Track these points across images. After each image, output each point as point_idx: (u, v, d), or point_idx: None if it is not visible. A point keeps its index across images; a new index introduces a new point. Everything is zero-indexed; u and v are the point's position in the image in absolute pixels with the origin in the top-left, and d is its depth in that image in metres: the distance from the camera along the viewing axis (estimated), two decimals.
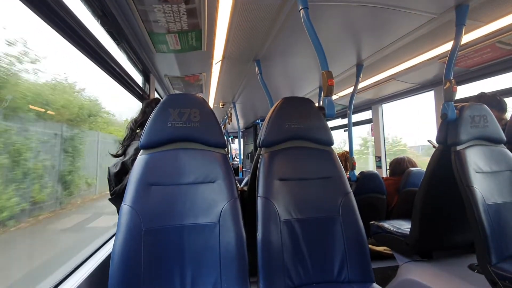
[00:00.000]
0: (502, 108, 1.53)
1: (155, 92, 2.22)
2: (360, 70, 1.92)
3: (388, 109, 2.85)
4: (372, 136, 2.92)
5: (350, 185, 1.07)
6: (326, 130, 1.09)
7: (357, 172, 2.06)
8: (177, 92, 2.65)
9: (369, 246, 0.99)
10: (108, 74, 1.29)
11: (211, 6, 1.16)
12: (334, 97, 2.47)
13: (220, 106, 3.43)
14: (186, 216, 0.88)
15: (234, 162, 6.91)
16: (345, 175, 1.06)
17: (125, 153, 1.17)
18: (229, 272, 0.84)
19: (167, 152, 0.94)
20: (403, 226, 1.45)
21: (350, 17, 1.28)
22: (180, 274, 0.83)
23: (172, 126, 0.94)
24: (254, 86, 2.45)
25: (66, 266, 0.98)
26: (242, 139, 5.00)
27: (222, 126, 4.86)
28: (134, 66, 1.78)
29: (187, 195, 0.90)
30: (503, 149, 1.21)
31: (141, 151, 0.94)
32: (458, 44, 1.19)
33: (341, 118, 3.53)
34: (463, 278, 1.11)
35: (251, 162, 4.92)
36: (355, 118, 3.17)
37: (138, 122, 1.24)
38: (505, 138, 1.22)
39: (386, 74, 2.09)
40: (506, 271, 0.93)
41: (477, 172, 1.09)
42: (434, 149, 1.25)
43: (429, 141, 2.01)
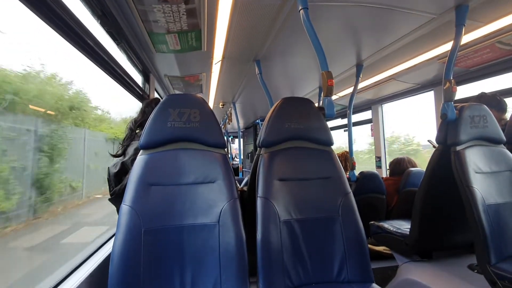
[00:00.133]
0: (502, 108, 1.53)
1: (155, 92, 2.22)
2: (360, 70, 1.92)
3: (398, 106, 2.63)
4: (372, 136, 2.92)
5: (350, 185, 1.07)
6: (326, 130, 1.09)
7: (356, 172, 2.06)
8: (177, 92, 2.65)
9: (368, 246, 0.99)
10: (108, 74, 1.29)
11: (211, 6, 1.16)
12: (334, 97, 2.46)
13: (220, 106, 3.43)
14: (186, 216, 0.88)
15: (234, 162, 6.91)
16: (344, 175, 1.06)
17: (124, 153, 1.17)
18: (228, 272, 0.84)
19: (167, 152, 0.94)
20: (403, 226, 1.45)
21: (350, 17, 1.28)
22: (180, 274, 0.83)
23: (172, 126, 0.94)
24: (254, 86, 2.45)
25: None
26: (242, 139, 5.00)
27: (222, 126, 4.86)
28: (134, 66, 1.78)
29: (187, 195, 0.90)
30: (503, 149, 1.21)
31: (140, 151, 0.94)
32: (458, 44, 1.19)
33: (341, 118, 3.53)
34: (463, 278, 1.11)
35: (251, 162, 4.92)
36: (355, 118, 3.17)
37: (138, 122, 1.24)
38: (504, 138, 1.22)
39: (386, 74, 2.09)
40: (505, 271, 0.93)
41: (476, 172, 1.09)
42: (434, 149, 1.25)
43: (429, 141, 2.01)
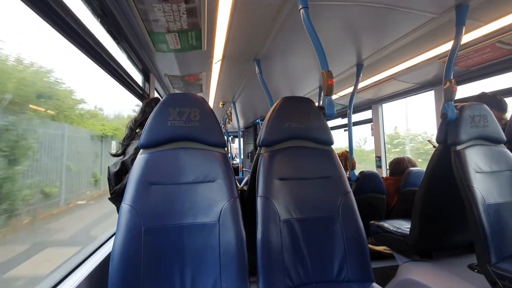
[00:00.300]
0: (502, 108, 1.52)
1: (155, 91, 2.22)
2: (360, 69, 1.91)
3: (415, 102, 2.42)
4: (372, 136, 2.92)
5: (350, 184, 1.07)
6: (326, 130, 1.09)
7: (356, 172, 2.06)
8: (177, 91, 2.65)
9: (368, 245, 0.99)
10: (108, 73, 1.29)
11: (211, 5, 1.16)
12: (334, 96, 2.47)
13: (220, 106, 3.42)
14: (186, 215, 0.87)
15: (234, 161, 6.91)
16: (345, 175, 1.06)
17: (124, 152, 1.17)
18: (228, 271, 0.83)
19: (167, 151, 0.94)
20: (403, 226, 1.45)
21: (350, 16, 1.28)
22: (180, 274, 0.83)
23: (172, 125, 0.94)
24: (254, 86, 2.45)
25: None
26: (242, 139, 5.00)
27: (222, 126, 4.86)
28: (134, 66, 1.78)
29: (187, 195, 0.90)
30: (503, 149, 1.21)
31: (141, 151, 0.94)
32: (458, 44, 1.19)
33: (341, 118, 3.53)
34: (463, 278, 1.11)
35: (251, 161, 4.92)
36: (355, 117, 3.17)
37: (138, 122, 1.24)
38: (505, 138, 1.22)
39: (386, 74, 2.09)
40: (505, 271, 0.93)
41: (477, 172, 1.08)
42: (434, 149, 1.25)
43: (429, 141, 2.01)
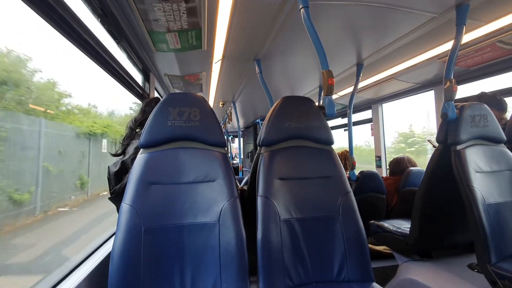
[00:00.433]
0: (502, 107, 1.53)
1: (155, 91, 2.22)
2: (360, 69, 1.91)
3: (428, 97, 2.28)
4: (372, 135, 2.92)
5: (350, 184, 1.07)
6: (326, 130, 1.09)
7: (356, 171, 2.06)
8: (177, 91, 2.65)
9: (368, 245, 0.99)
10: (108, 73, 1.29)
11: (211, 5, 1.16)
12: (334, 96, 2.45)
13: (220, 105, 3.42)
14: (186, 215, 0.87)
15: (234, 161, 6.91)
16: (345, 175, 1.06)
17: (124, 152, 1.17)
18: (229, 271, 0.83)
19: (167, 151, 0.94)
20: (403, 226, 1.45)
21: (350, 16, 1.28)
22: (180, 273, 0.83)
23: (172, 125, 0.94)
24: (254, 85, 2.45)
25: None
26: (242, 139, 5.00)
27: (222, 126, 4.86)
28: (134, 65, 1.78)
29: (187, 194, 0.90)
30: (503, 148, 1.21)
31: (141, 150, 0.94)
32: (458, 43, 1.19)
33: (341, 118, 3.53)
34: (463, 278, 1.11)
35: (251, 161, 4.92)
36: (355, 117, 3.17)
37: (138, 121, 1.24)
38: (505, 138, 1.22)
39: (386, 74, 2.09)
40: (505, 271, 0.93)
41: (477, 171, 1.08)
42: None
43: (429, 140, 2.01)
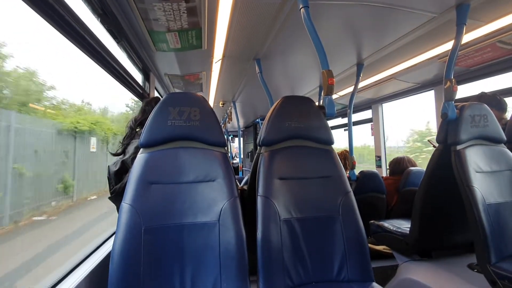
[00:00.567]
0: (502, 107, 1.53)
1: (155, 90, 2.22)
2: (360, 69, 1.91)
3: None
4: (372, 135, 2.92)
5: (350, 184, 1.07)
6: (326, 129, 1.09)
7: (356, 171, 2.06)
8: (177, 90, 2.65)
9: (368, 245, 0.99)
10: (108, 73, 1.29)
11: (211, 4, 1.16)
12: (334, 96, 2.46)
13: (220, 105, 3.42)
14: (186, 215, 0.87)
15: (234, 161, 6.91)
16: (345, 174, 1.06)
17: (125, 151, 1.17)
18: (228, 271, 0.84)
19: (167, 150, 0.94)
20: (403, 226, 1.45)
21: (350, 16, 1.28)
22: (180, 273, 0.83)
23: (172, 124, 0.94)
24: (254, 85, 2.45)
25: None
26: (242, 138, 5.00)
27: (222, 125, 4.86)
28: (134, 65, 1.78)
29: (187, 194, 0.90)
30: (503, 148, 1.21)
31: (141, 150, 0.94)
32: (458, 43, 1.19)
33: (341, 118, 3.53)
34: (463, 278, 1.11)
35: (251, 161, 4.92)
36: (355, 117, 3.17)
37: (138, 121, 1.24)
38: (505, 138, 1.22)
39: (386, 74, 2.09)
40: (505, 271, 0.93)
41: (477, 171, 1.08)
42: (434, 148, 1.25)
43: (429, 140, 2.01)
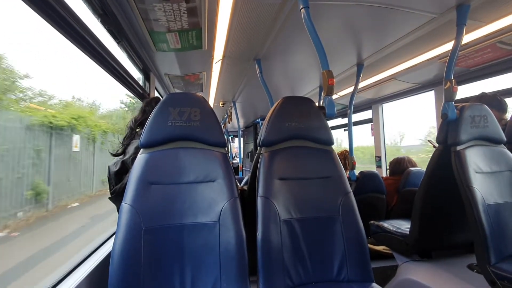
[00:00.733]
0: (503, 108, 1.53)
1: (155, 90, 2.22)
2: (360, 69, 1.91)
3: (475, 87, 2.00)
4: (372, 135, 2.92)
5: (350, 184, 1.07)
6: (327, 130, 1.09)
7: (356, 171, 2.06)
8: (177, 91, 2.65)
9: (368, 245, 0.99)
10: (108, 73, 1.29)
11: (212, 5, 1.16)
12: (334, 96, 2.45)
13: (220, 105, 3.42)
14: (186, 215, 0.88)
15: (234, 161, 6.90)
16: (345, 175, 1.06)
17: (125, 152, 1.17)
18: (228, 271, 0.84)
19: (167, 151, 0.94)
20: (403, 226, 1.45)
21: (350, 16, 1.28)
22: (180, 273, 0.83)
23: (172, 125, 0.94)
24: (254, 85, 2.45)
25: None
26: (242, 138, 5.00)
27: (222, 125, 4.86)
28: (134, 65, 1.78)
29: (187, 194, 0.90)
30: (503, 149, 1.21)
31: (141, 150, 0.94)
32: (458, 44, 1.19)
33: (341, 118, 3.53)
34: (462, 278, 1.11)
35: (251, 161, 4.92)
36: (355, 117, 3.17)
37: (138, 121, 1.24)
38: (505, 138, 1.22)
39: (386, 74, 2.09)
40: (505, 271, 0.93)
41: (477, 172, 1.09)
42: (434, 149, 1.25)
43: (429, 141, 2.01)
